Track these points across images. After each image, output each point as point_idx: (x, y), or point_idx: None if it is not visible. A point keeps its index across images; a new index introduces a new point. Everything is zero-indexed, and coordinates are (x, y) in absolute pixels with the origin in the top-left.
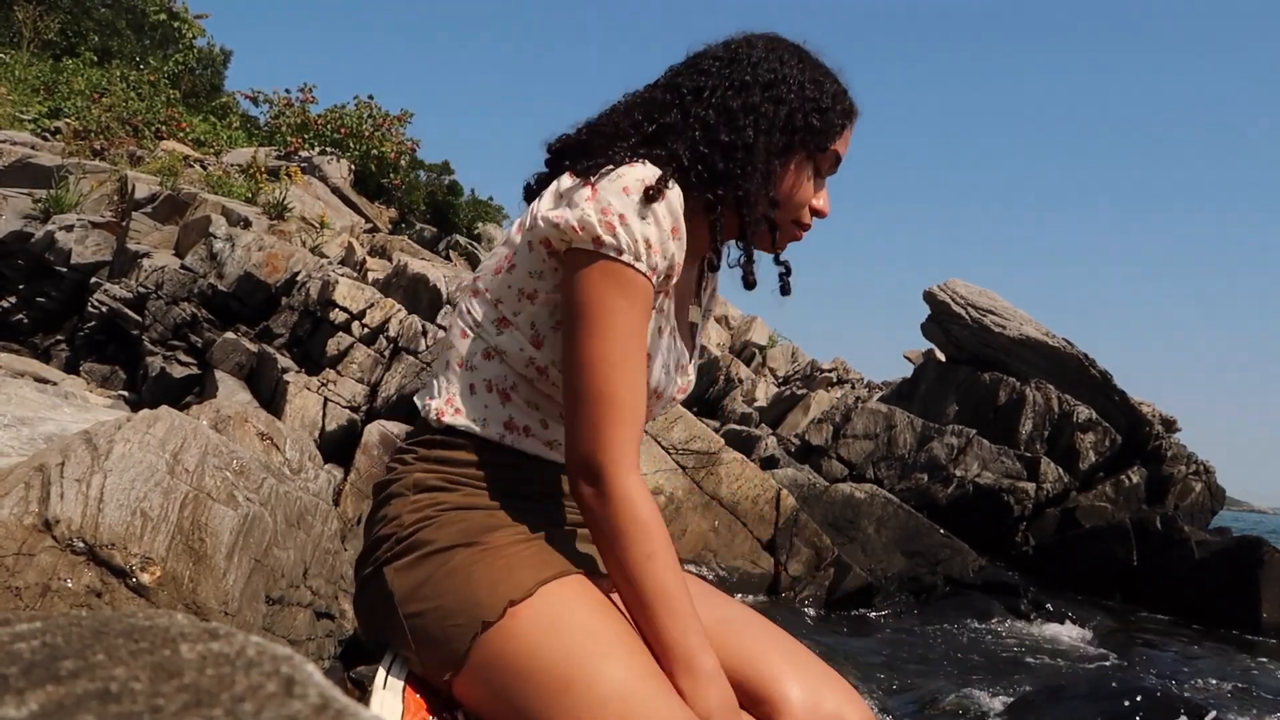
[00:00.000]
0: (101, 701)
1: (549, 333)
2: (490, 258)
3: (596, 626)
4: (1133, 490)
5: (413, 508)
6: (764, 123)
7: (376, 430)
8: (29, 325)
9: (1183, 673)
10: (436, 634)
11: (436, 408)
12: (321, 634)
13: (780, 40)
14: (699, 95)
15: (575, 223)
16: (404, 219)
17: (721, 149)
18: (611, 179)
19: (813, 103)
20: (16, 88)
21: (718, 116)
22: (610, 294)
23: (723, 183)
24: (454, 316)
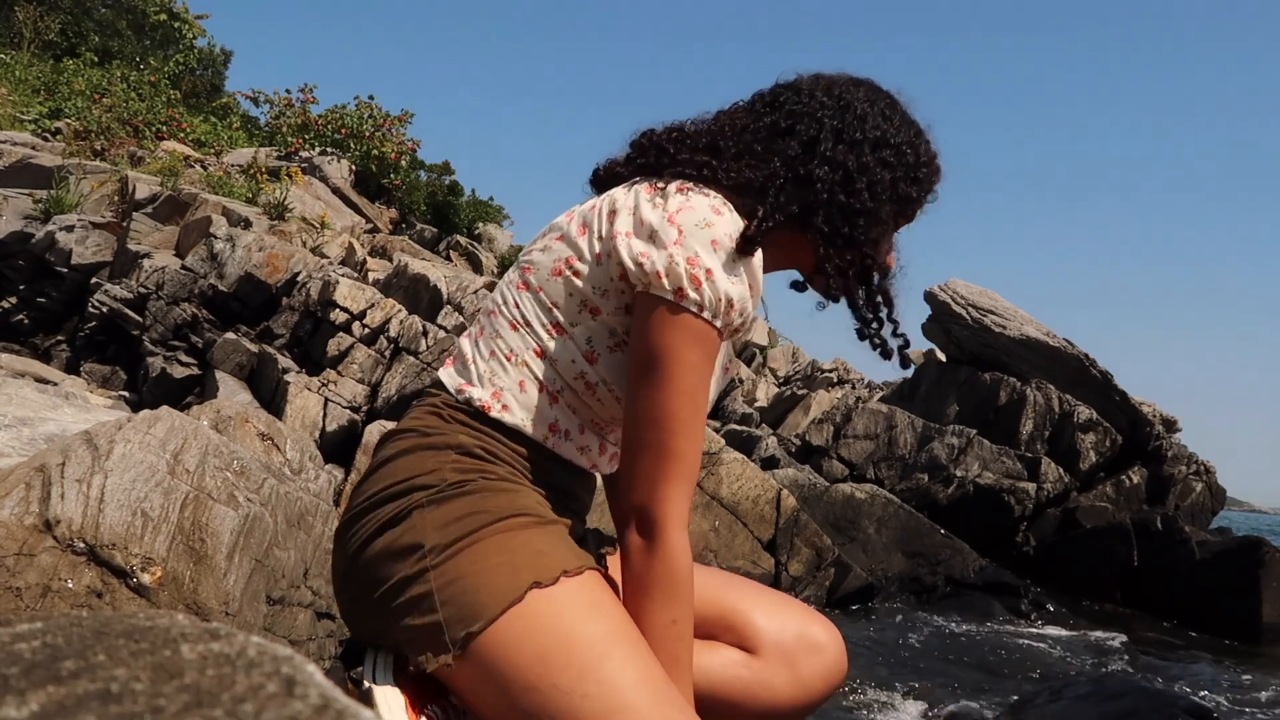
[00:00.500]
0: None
1: (604, 351)
2: (543, 251)
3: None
4: (1133, 490)
5: (456, 465)
6: (880, 189)
7: (377, 431)
8: (30, 326)
9: (1183, 673)
10: (470, 586)
11: (482, 399)
12: (322, 634)
13: (880, 91)
14: (806, 143)
15: (661, 268)
16: (404, 219)
17: (842, 211)
18: (699, 224)
19: (913, 170)
20: (17, 88)
21: (833, 173)
22: (685, 348)
23: (849, 246)
24: (497, 302)
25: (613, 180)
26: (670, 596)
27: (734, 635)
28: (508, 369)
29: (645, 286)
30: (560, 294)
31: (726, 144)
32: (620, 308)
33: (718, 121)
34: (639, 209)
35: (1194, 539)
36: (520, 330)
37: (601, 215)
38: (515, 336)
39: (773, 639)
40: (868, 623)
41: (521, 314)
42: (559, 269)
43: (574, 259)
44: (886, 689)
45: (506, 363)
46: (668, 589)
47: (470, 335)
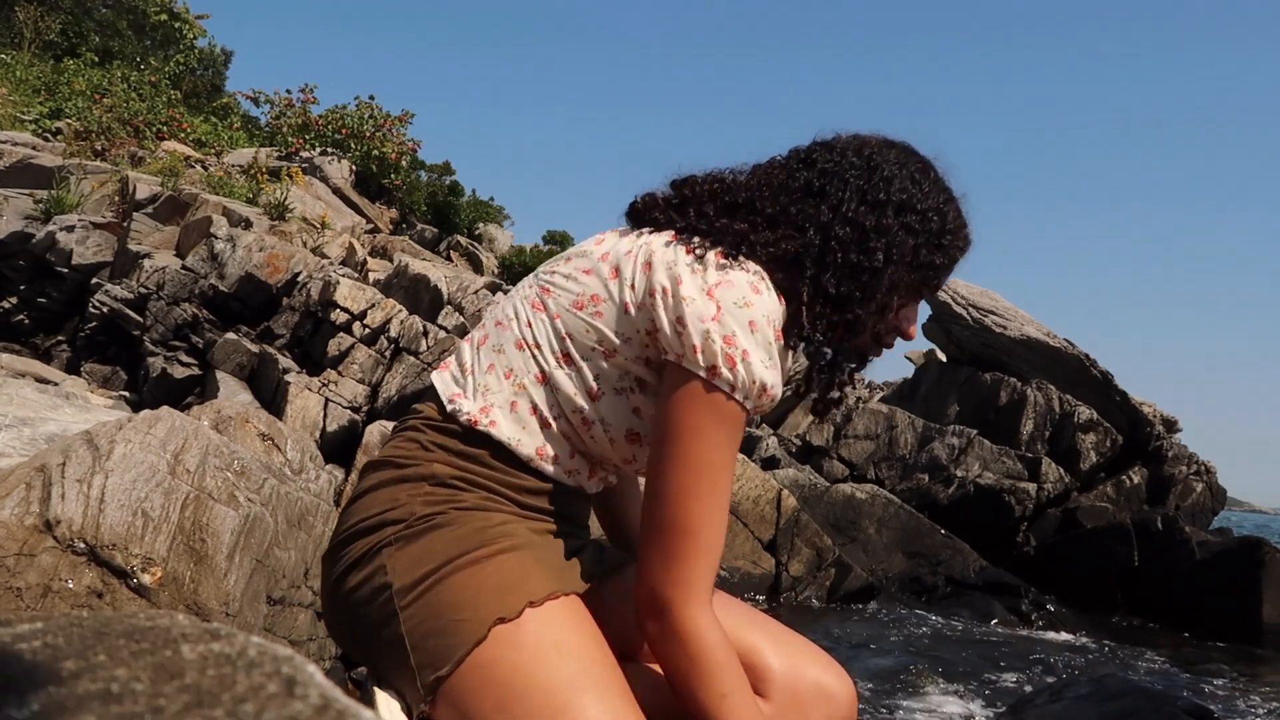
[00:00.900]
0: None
1: (609, 391)
2: (567, 278)
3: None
4: (1134, 490)
5: (426, 499)
6: (895, 251)
7: (377, 431)
8: (30, 326)
9: (1184, 673)
10: (436, 628)
11: (470, 413)
12: (323, 635)
13: (913, 155)
14: (834, 206)
15: (697, 343)
16: (405, 219)
17: (849, 269)
18: (738, 303)
19: (937, 238)
20: (18, 88)
21: (850, 232)
22: (711, 427)
23: (841, 305)
24: (508, 315)
25: (649, 219)
26: (707, 675)
27: (750, 677)
28: (503, 385)
29: (678, 357)
30: (578, 328)
31: (764, 205)
32: (639, 358)
33: (755, 177)
34: (678, 273)
35: (1194, 539)
36: (526, 351)
37: (636, 264)
38: (520, 356)
39: (785, 683)
40: (868, 623)
41: (532, 335)
42: (582, 303)
43: (600, 298)
44: (887, 689)
45: (504, 380)
46: (701, 669)
47: (472, 341)
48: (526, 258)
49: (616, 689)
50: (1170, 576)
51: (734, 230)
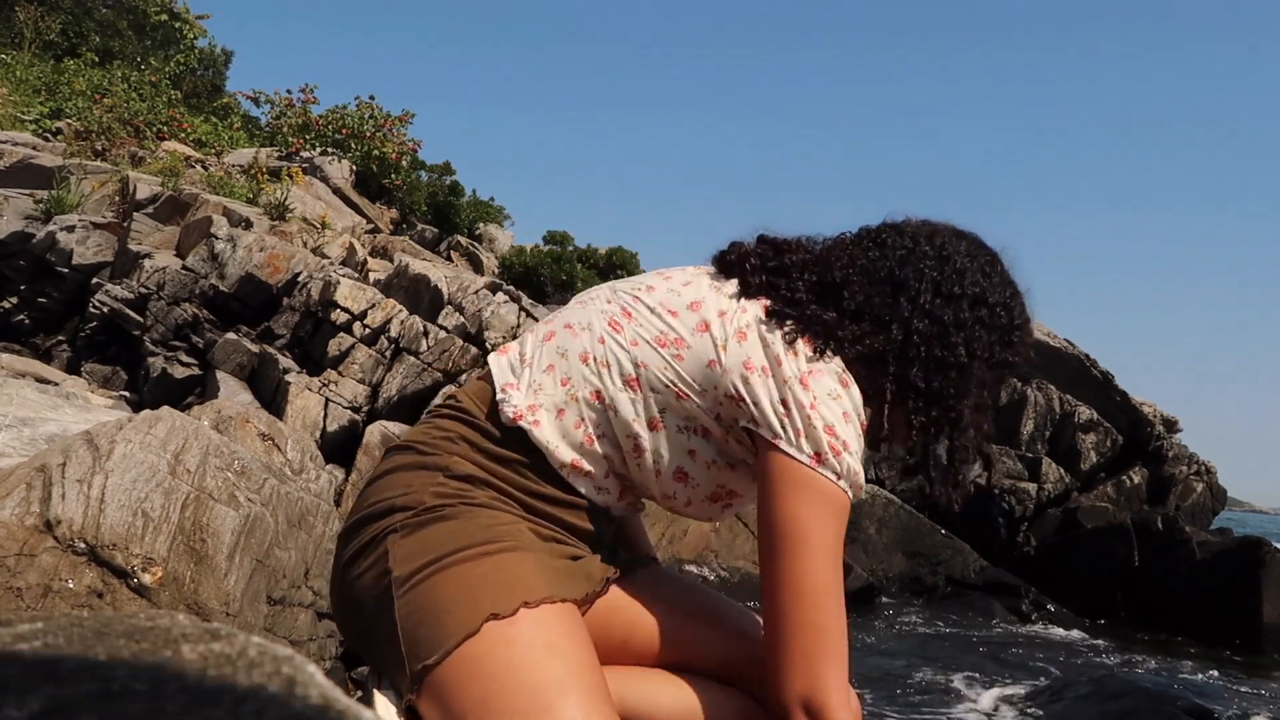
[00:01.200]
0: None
1: (672, 428)
2: (652, 312)
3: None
4: (1134, 491)
5: (438, 490)
6: (975, 346)
7: (378, 431)
8: (30, 326)
9: (1183, 673)
10: (429, 618)
11: (517, 407)
12: (323, 634)
13: (983, 246)
14: (912, 298)
15: (800, 427)
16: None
17: (934, 363)
18: (831, 394)
19: (1008, 333)
20: (18, 88)
21: (930, 326)
22: (828, 517)
23: (935, 399)
24: (582, 324)
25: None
26: None
27: (752, 683)
28: (557, 390)
29: (774, 438)
30: (656, 362)
31: (851, 294)
32: (711, 411)
33: (840, 258)
34: (776, 353)
35: (1194, 539)
36: (591, 366)
37: (729, 330)
38: (581, 369)
39: None
40: (869, 622)
41: (603, 352)
42: (665, 341)
43: (684, 344)
44: (888, 689)
45: (560, 386)
46: None
47: (537, 334)
48: (527, 258)
49: (601, 695)
50: (1170, 576)
51: (824, 320)
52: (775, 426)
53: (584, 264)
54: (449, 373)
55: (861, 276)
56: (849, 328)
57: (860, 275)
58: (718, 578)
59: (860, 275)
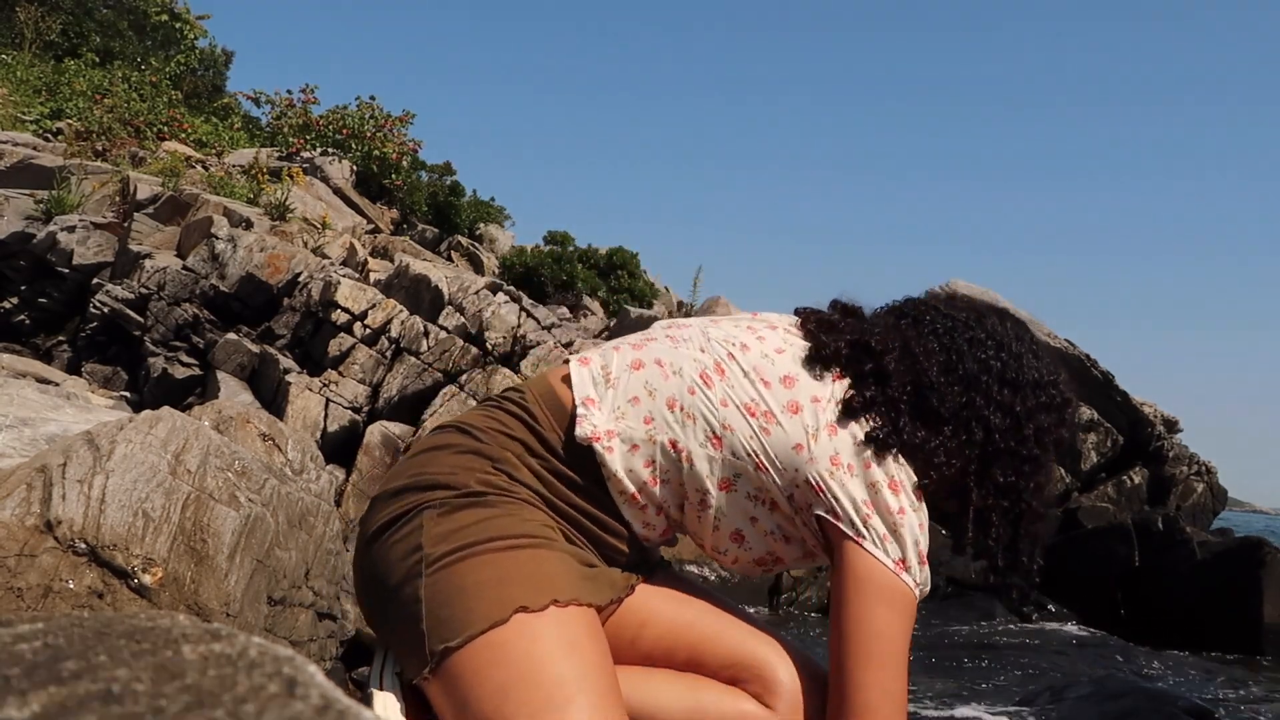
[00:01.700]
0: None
1: (741, 494)
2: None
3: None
4: (1134, 491)
5: (483, 477)
6: (1046, 435)
7: (378, 431)
8: (31, 326)
9: (1184, 673)
10: (457, 600)
11: (596, 427)
12: (323, 635)
13: (1024, 326)
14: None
15: (884, 531)
16: (405, 220)
17: (1012, 458)
18: (912, 506)
19: (1063, 410)
20: (18, 89)
21: (1005, 420)
22: (903, 620)
23: (1009, 494)
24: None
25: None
26: None
27: (756, 685)
28: (639, 426)
29: (858, 536)
30: (741, 428)
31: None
32: (786, 490)
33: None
34: (866, 458)
35: (1195, 539)
36: (676, 413)
37: (821, 419)
38: (666, 415)
39: (791, 696)
40: None
41: (693, 404)
42: (754, 411)
43: (772, 418)
44: None
45: (643, 423)
46: None
47: (624, 355)
48: (527, 258)
49: (615, 698)
50: (1171, 577)
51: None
52: (859, 526)
53: (585, 264)
54: (449, 373)
55: (940, 373)
56: (937, 437)
57: (939, 370)
58: (718, 578)
59: (939, 370)
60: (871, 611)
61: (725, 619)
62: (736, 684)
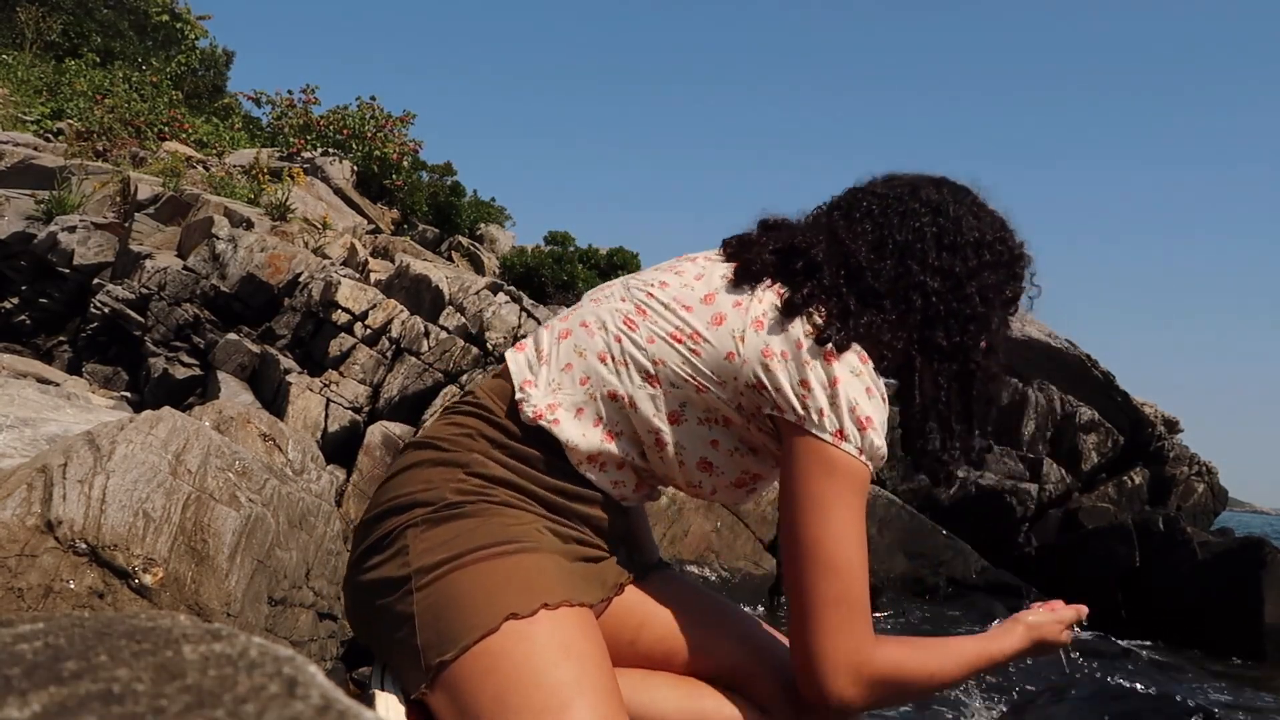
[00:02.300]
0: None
1: (693, 420)
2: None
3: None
4: (1135, 491)
5: (458, 486)
6: (989, 291)
7: (379, 431)
8: (31, 326)
9: (1184, 673)
10: (448, 613)
11: (537, 406)
12: (324, 635)
13: (963, 190)
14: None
15: (823, 406)
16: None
17: (954, 318)
18: (854, 370)
19: (1012, 266)
20: (19, 89)
21: (944, 283)
22: (850, 492)
23: (954, 355)
24: (597, 320)
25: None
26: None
27: (754, 690)
28: (576, 390)
29: (800, 419)
30: (673, 358)
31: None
32: (732, 402)
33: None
34: (796, 337)
35: (1195, 539)
36: (609, 365)
37: (747, 318)
38: (600, 368)
39: (787, 700)
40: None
41: (620, 351)
42: (680, 337)
43: (700, 337)
44: None
45: (579, 385)
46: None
47: (553, 330)
48: (528, 258)
49: (614, 698)
50: (1172, 577)
51: (844, 303)
52: (798, 409)
53: (585, 264)
54: (450, 373)
55: (869, 251)
56: (868, 307)
57: (868, 249)
58: (719, 578)
59: (868, 249)
60: (813, 485)
61: (725, 621)
62: (737, 687)
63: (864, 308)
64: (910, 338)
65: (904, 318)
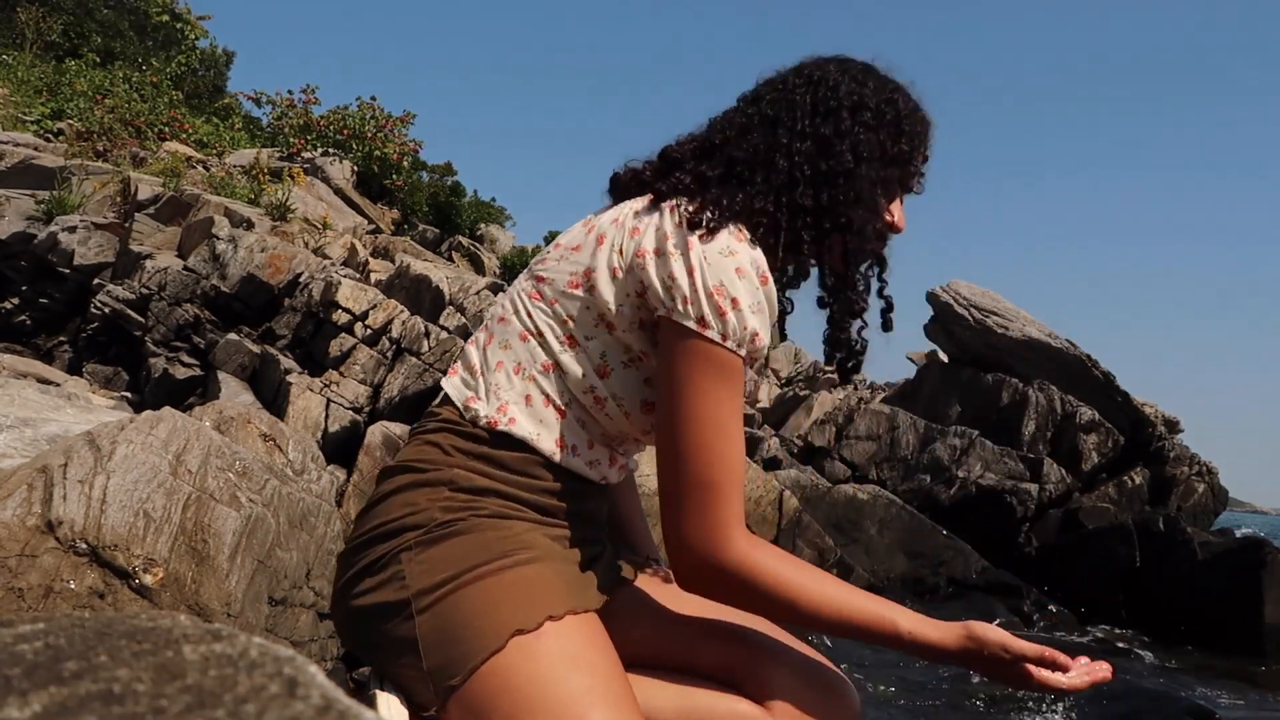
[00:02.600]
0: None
1: (618, 367)
2: (559, 261)
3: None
4: (1135, 491)
5: (446, 504)
6: (863, 150)
7: (379, 431)
8: (32, 327)
9: (1185, 673)
10: (452, 635)
11: (488, 415)
12: (324, 635)
13: (851, 61)
14: (790, 128)
15: (686, 294)
16: (406, 220)
17: (821, 178)
18: (723, 252)
19: (898, 124)
20: (19, 89)
21: (811, 145)
22: (712, 381)
23: (825, 213)
24: (508, 309)
25: (632, 187)
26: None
27: (751, 688)
28: (514, 381)
29: (668, 312)
30: (576, 307)
31: (730, 151)
32: (635, 323)
33: (720, 131)
34: (664, 230)
35: (1196, 540)
36: (531, 340)
37: (624, 229)
38: (525, 348)
39: (787, 695)
40: None
41: (534, 324)
42: (576, 282)
43: (591, 271)
44: (889, 691)
45: (514, 375)
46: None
47: (478, 342)
48: (528, 258)
49: (629, 705)
50: (1172, 577)
51: (708, 178)
52: (665, 299)
53: None
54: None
55: (739, 133)
56: (736, 184)
57: (738, 131)
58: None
59: (738, 131)
60: (675, 371)
61: (716, 618)
62: (730, 684)
63: (731, 186)
64: (779, 201)
65: (772, 184)
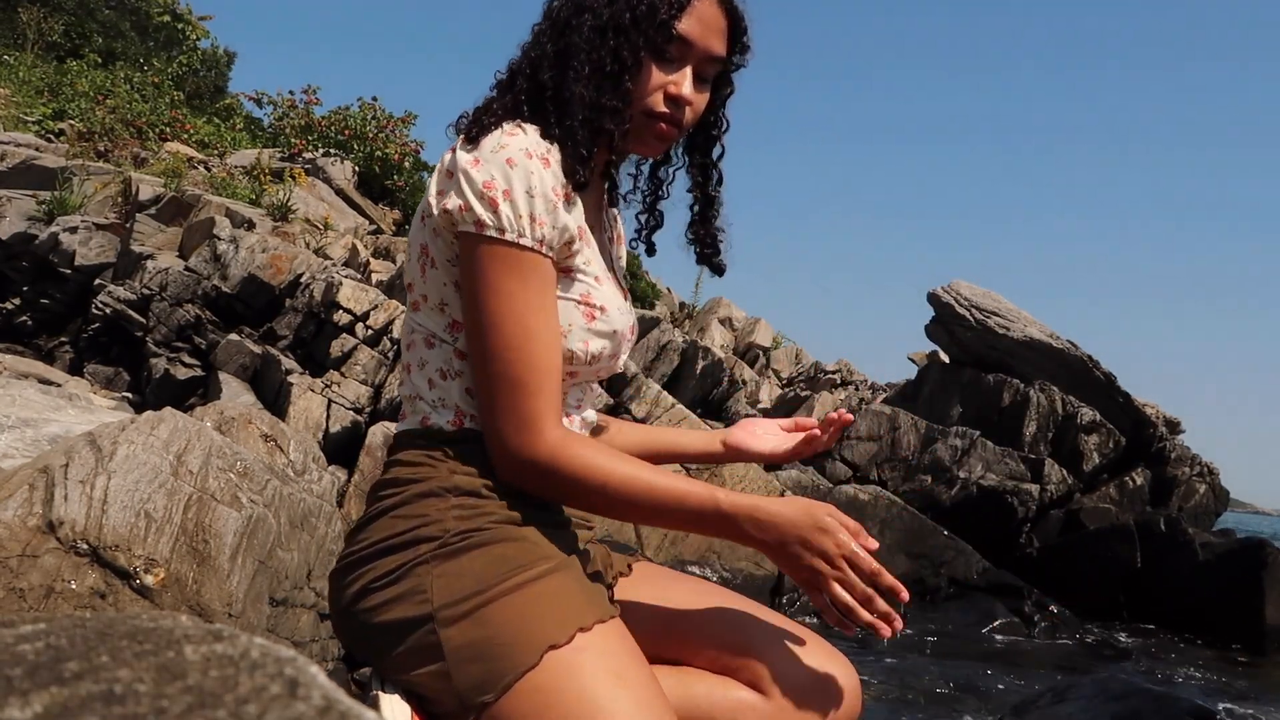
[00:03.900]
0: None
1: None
2: (408, 262)
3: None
4: (1137, 492)
5: (458, 513)
6: (591, 18)
7: (380, 432)
8: (33, 327)
9: (1186, 675)
10: (483, 652)
11: (450, 421)
12: (325, 636)
13: None
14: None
15: (460, 202)
16: (407, 220)
17: (558, 57)
18: (494, 149)
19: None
20: (20, 89)
21: (546, 26)
22: (500, 277)
23: (546, 97)
24: (406, 332)
25: None
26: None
27: (748, 674)
28: (448, 384)
29: (452, 227)
30: (435, 290)
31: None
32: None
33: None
34: (443, 167)
35: (1197, 540)
36: (437, 345)
37: (438, 174)
38: (435, 352)
39: (786, 682)
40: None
41: (427, 329)
42: (422, 265)
43: (426, 248)
44: (889, 691)
45: (443, 381)
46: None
47: (405, 381)
48: None
49: (664, 709)
50: (1173, 578)
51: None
52: (446, 221)
53: None
54: None
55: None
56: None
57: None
58: (720, 579)
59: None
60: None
61: (713, 606)
62: (729, 672)
63: (502, 92)
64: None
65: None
